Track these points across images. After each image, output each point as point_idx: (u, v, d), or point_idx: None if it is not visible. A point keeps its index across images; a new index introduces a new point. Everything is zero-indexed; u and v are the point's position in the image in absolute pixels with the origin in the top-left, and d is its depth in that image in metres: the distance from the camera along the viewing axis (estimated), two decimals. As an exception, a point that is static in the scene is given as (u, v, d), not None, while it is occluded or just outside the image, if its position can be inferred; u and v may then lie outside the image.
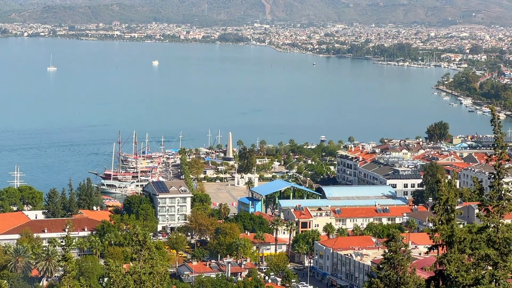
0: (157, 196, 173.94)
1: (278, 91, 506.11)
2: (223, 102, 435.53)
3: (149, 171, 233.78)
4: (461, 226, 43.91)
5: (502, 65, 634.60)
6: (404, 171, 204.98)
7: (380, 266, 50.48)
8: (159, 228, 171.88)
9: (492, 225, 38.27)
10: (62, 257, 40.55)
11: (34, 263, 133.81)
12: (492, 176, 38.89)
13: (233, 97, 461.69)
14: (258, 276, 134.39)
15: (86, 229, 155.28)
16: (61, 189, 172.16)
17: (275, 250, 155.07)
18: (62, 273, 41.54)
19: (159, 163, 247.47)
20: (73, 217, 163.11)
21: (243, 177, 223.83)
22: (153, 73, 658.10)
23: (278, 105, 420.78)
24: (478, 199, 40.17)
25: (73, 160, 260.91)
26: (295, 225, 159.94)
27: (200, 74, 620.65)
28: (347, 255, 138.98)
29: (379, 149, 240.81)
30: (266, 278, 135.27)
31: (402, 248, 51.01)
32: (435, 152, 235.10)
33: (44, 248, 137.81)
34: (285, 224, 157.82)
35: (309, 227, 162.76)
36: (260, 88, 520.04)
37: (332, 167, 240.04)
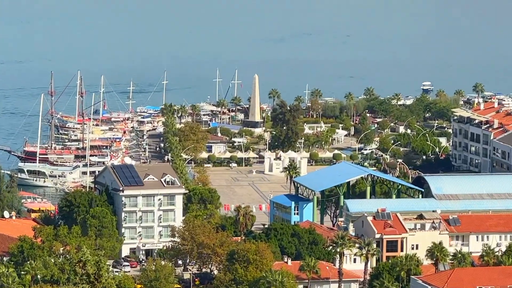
0: (121, 193, 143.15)
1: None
2: (240, 20, 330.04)
3: (106, 147, 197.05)
4: None
5: None
6: None
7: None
8: (125, 251, 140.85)
9: None
10: None
11: None
12: None
13: (257, 10, 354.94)
14: None
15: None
16: None
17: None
18: None
19: (124, 132, 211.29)
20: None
21: (279, 158, 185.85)
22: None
23: (342, 24, 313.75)
24: None
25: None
26: (375, 246, 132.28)
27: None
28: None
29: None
30: None
31: None
32: None
33: None
34: (357, 245, 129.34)
35: (402, 250, 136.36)
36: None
37: (443, 140, 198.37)
